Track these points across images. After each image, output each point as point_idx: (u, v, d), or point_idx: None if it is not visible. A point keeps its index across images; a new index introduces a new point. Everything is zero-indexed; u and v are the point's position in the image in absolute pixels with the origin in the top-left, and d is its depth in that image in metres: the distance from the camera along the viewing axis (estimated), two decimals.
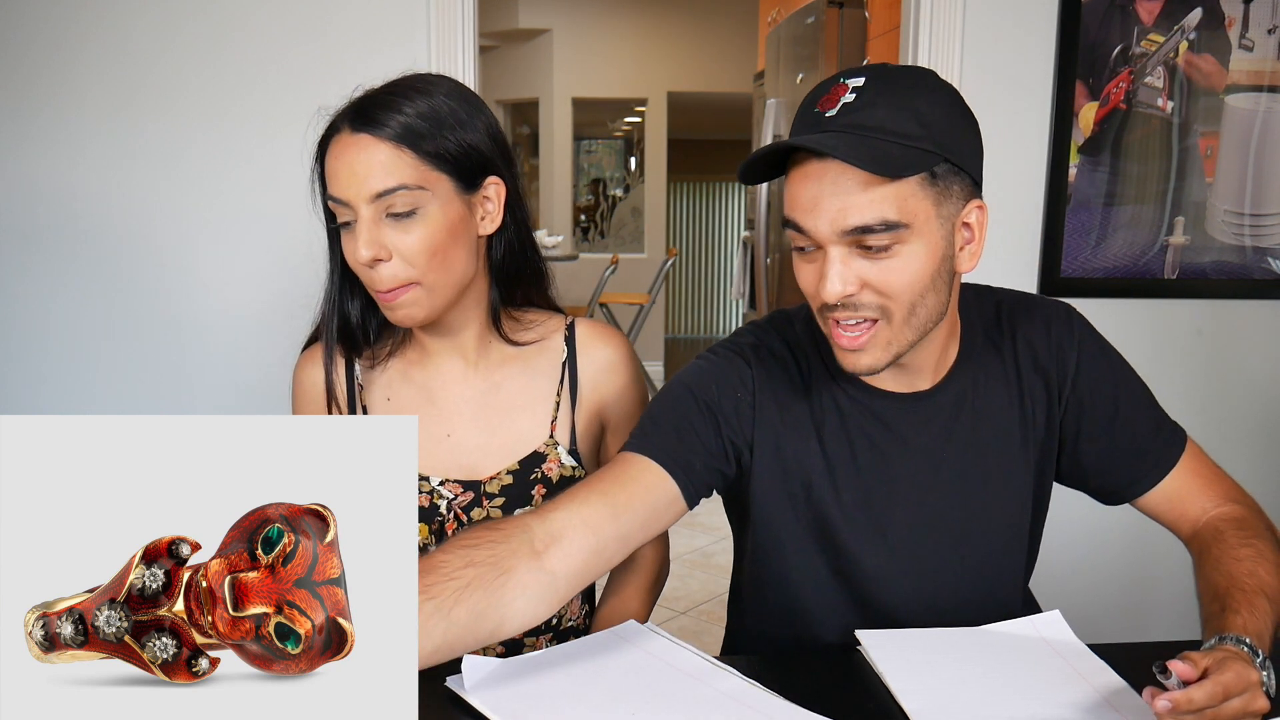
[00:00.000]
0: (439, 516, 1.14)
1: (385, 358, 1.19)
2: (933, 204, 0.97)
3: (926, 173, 0.95)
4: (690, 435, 1.08)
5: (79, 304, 2.16)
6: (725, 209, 9.96)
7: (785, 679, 0.96)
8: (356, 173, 1.05)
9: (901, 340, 1.01)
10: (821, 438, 1.11)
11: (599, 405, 1.22)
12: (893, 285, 0.97)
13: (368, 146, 1.05)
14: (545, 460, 1.18)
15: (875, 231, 0.95)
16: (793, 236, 1.00)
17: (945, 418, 1.12)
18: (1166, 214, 2.27)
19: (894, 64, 0.99)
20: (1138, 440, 1.15)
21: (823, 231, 0.96)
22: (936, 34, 2.17)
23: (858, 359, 1.01)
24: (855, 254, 0.97)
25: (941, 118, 0.97)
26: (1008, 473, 1.14)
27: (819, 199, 0.95)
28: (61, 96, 2.09)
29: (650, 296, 5.84)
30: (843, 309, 0.99)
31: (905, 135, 0.94)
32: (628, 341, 1.27)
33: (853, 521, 1.12)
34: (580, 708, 0.89)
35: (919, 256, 0.97)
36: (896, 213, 0.94)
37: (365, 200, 1.05)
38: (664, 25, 6.90)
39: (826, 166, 0.95)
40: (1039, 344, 1.14)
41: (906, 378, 1.11)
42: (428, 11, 2.10)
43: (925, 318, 1.01)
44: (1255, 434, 2.36)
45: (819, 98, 0.98)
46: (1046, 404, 1.14)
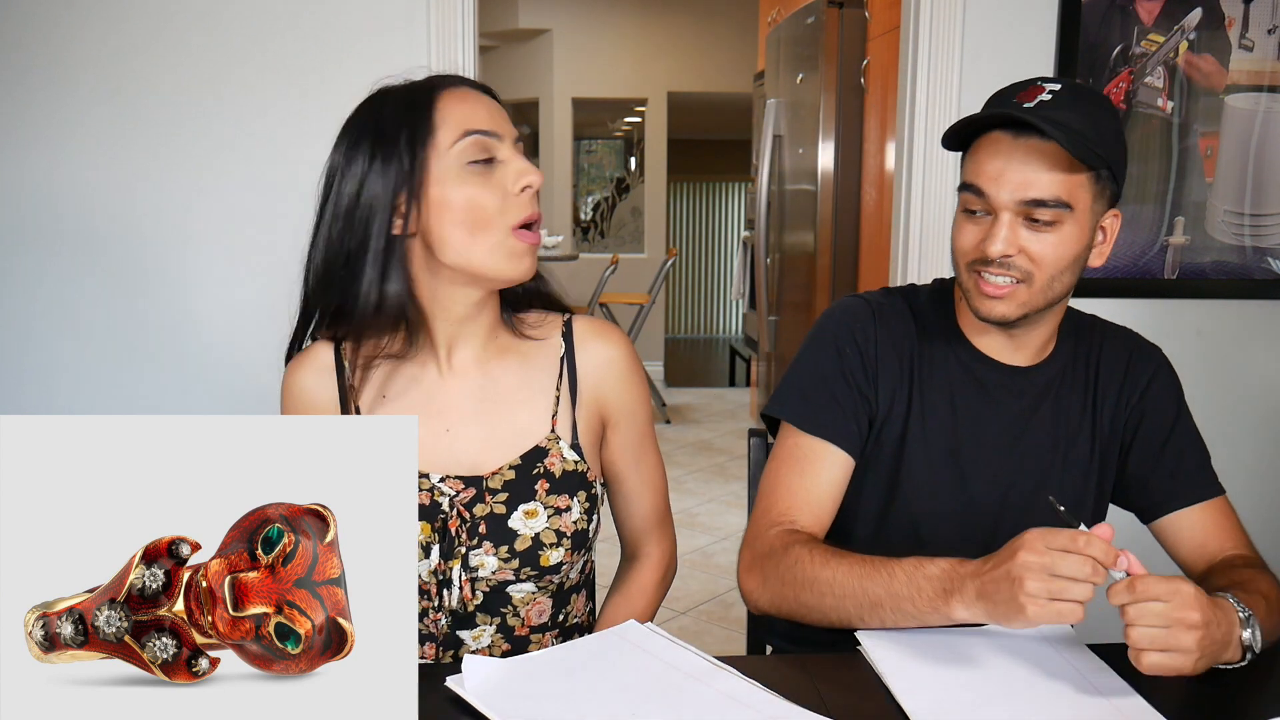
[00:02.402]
0: (441, 513, 1.13)
1: (381, 354, 1.17)
2: (1092, 198, 1.14)
3: (1096, 171, 1.12)
4: (843, 404, 1.22)
5: (78, 302, 2.16)
6: (725, 209, 9.96)
7: (785, 679, 0.96)
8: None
9: (1034, 304, 1.15)
10: (923, 389, 1.23)
11: (599, 400, 1.22)
12: (1045, 256, 1.13)
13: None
14: (547, 455, 1.18)
15: (1048, 206, 1.11)
16: (966, 200, 1.16)
17: (1034, 395, 1.24)
18: (1166, 214, 2.27)
19: (1081, 82, 1.19)
20: (1180, 466, 1.24)
21: (1002, 198, 1.12)
22: (936, 34, 2.17)
23: (994, 305, 1.15)
24: (1022, 224, 1.12)
25: (1113, 135, 1.14)
26: (1076, 465, 1.24)
27: (1006, 170, 1.11)
28: (53, 90, 2.09)
29: (650, 296, 5.84)
30: (997, 265, 1.13)
31: (1087, 138, 1.09)
32: (625, 336, 1.27)
33: (934, 468, 1.22)
34: (580, 708, 0.89)
35: (1072, 237, 1.13)
36: (1068, 195, 1.11)
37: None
38: (664, 25, 6.90)
39: (1018, 145, 1.11)
40: (1120, 360, 1.27)
41: (1011, 350, 1.24)
42: (428, 12, 2.10)
43: (1058, 292, 1.16)
44: (1255, 434, 2.36)
45: (1017, 92, 1.13)
46: (1114, 412, 1.25)
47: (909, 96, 2.22)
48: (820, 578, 1.08)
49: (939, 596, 1.00)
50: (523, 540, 1.14)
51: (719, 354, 8.59)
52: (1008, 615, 0.94)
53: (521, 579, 1.15)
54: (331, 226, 1.11)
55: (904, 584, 1.02)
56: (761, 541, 1.18)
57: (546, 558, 1.15)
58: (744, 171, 6.43)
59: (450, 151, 1.08)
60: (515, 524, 1.14)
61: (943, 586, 1.00)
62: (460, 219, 1.09)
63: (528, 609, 1.17)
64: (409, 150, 1.08)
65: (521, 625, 1.18)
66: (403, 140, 1.08)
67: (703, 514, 4.11)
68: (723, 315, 10.02)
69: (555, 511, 1.15)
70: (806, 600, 1.09)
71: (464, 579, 1.13)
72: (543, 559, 1.14)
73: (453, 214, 1.08)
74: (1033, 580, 0.91)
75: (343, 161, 1.11)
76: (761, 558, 1.16)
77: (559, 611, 1.21)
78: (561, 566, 1.16)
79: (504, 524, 1.14)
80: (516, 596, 1.16)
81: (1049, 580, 0.91)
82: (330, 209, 1.11)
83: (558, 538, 1.15)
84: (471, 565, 1.13)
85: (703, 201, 9.97)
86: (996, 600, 0.94)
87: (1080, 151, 1.08)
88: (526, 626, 1.18)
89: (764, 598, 1.16)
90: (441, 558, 1.12)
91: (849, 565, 1.07)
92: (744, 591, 1.19)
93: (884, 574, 1.04)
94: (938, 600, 1.00)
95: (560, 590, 1.20)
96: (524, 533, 1.14)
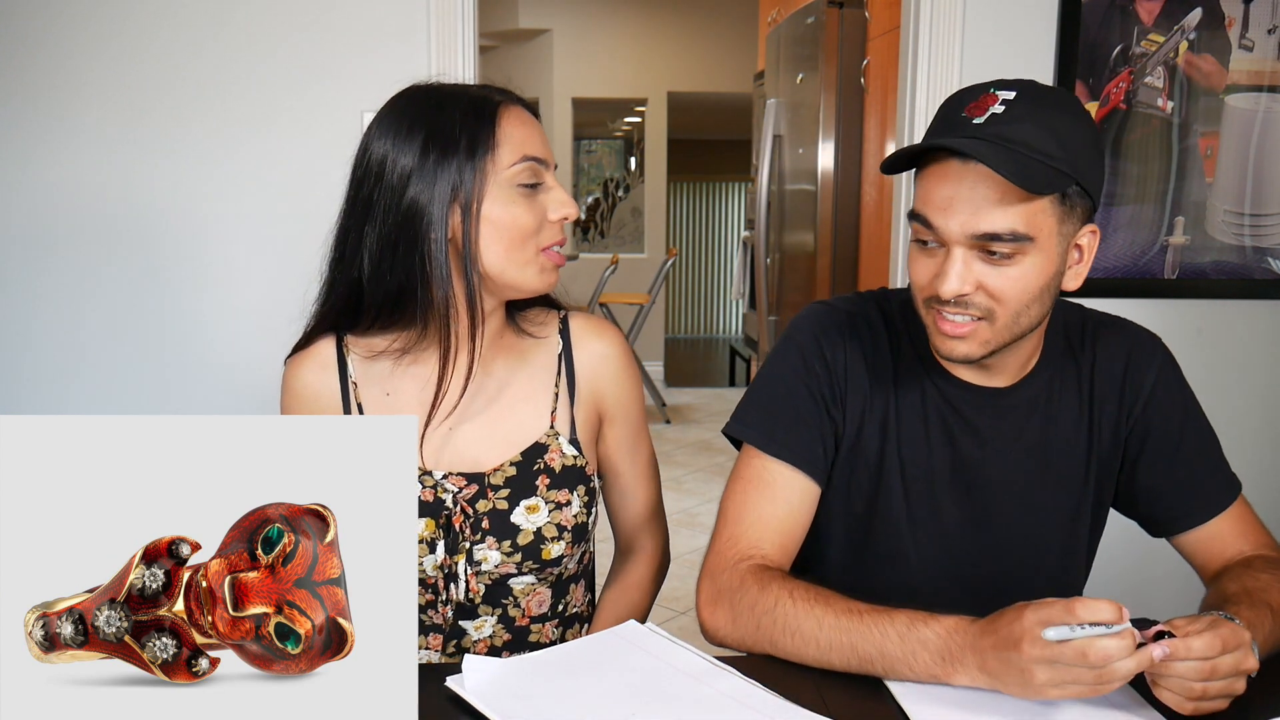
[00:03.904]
0: (445, 510, 1.15)
1: (388, 351, 1.17)
2: (1057, 221, 1.02)
3: (1060, 193, 1.00)
4: (809, 426, 1.14)
5: (89, 303, 2.16)
6: (725, 209, 9.96)
7: (785, 679, 0.96)
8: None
9: (998, 341, 1.06)
10: (898, 411, 1.15)
11: (596, 396, 1.24)
12: (1006, 292, 1.02)
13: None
14: (547, 451, 1.19)
15: (1003, 240, 0.99)
16: (916, 230, 1.06)
17: (1018, 416, 1.15)
18: (1166, 214, 2.27)
19: (1041, 83, 1.05)
20: (1194, 477, 1.16)
21: (952, 232, 1.01)
22: (936, 34, 2.17)
23: (954, 346, 1.06)
24: (977, 257, 1.02)
25: (1079, 143, 1.01)
26: (1069, 480, 1.16)
27: (954, 200, 1.00)
28: (63, 97, 2.09)
29: (650, 296, 5.84)
30: (953, 305, 1.04)
31: (1047, 155, 0.98)
32: (620, 333, 1.29)
33: (911, 498, 1.15)
34: (580, 708, 0.89)
35: (1035, 268, 1.02)
36: (1025, 226, 0.99)
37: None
38: (664, 25, 6.90)
39: (967, 170, 0.99)
40: (1118, 363, 1.17)
41: (987, 375, 1.15)
42: (428, 11, 2.10)
43: (1025, 325, 1.06)
44: (1255, 434, 2.36)
45: (967, 103, 1.02)
46: (1115, 422, 1.17)
47: (909, 96, 2.22)
48: (803, 628, 0.99)
49: (937, 664, 0.93)
50: (525, 535, 1.15)
51: (719, 354, 8.59)
52: (1021, 694, 0.89)
53: (523, 572, 1.17)
54: (384, 219, 1.10)
55: (897, 644, 0.94)
56: (729, 576, 1.08)
57: (548, 551, 1.16)
58: (744, 171, 6.43)
59: (506, 171, 1.10)
60: (518, 519, 1.15)
61: (941, 654, 0.92)
62: (501, 235, 1.11)
63: (528, 600, 1.19)
64: (469, 159, 1.09)
65: (522, 616, 1.19)
66: (463, 147, 1.09)
67: (703, 514, 4.11)
68: (723, 315, 10.02)
69: (556, 506, 1.17)
70: (784, 646, 1.01)
71: (469, 573, 1.15)
72: (544, 552, 1.16)
73: (495, 229, 1.11)
74: (1043, 673, 0.86)
75: (392, 151, 1.10)
76: (729, 593, 1.07)
77: (558, 601, 1.22)
78: (562, 559, 1.18)
79: (506, 519, 1.15)
80: (517, 588, 1.18)
81: (1061, 670, 0.85)
82: (383, 199, 1.10)
83: (559, 531, 1.17)
84: (475, 559, 1.15)
85: (703, 201, 9.97)
86: (1005, 681, 0.89)
87: (1035, 182, 0.96)
88: (527, 617, 1.20)
89: (731, 636, 1.06)
90: (447, 553, 1.14)
91: (835, 616, 0.98)
92: (706, 627, 1.09)
93: (875, 631, 0.95)
94: (936, 667, 0.93)
95: (559, 581, 1.21)
96: (526, 527, 1.15)
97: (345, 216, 1.14)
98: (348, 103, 2.11)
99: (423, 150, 1.09)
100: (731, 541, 1.11)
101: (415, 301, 1.12)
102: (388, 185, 1.10)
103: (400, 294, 1.12)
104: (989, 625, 0.91)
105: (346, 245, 1.13)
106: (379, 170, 1.10)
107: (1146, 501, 1.18)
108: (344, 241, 1.14)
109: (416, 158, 1.09)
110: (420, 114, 1.11)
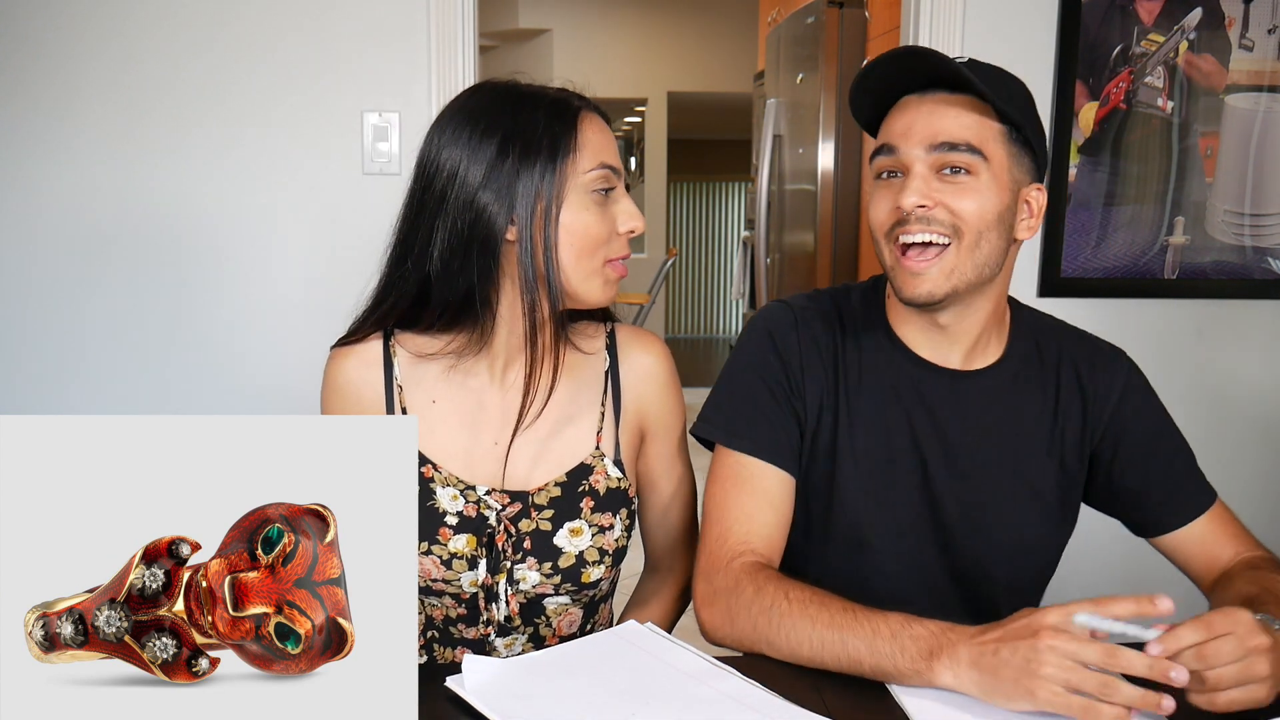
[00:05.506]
0: (489, 528, 1.12)
1: (439, 354, 1.14)
2: (1008, 157, 1.09)
3: (1010, 128, 1.08)
4: (771, 419, 1.16)
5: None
6: (725, 209, 9.96)
7: (785, 679, 0.96)
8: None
9: (962, 271, 1.09)
10: (855, 395, 1.16)
11: (640, 414, 1.21)
12: (964, 208, 1.07)
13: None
14: (592, 472, 1.16)
15: (959, 150, 1.07)
16: (878, 165, 1.12)
17: (979, 404, 1.16)
18: (1166, 214, 2.27)
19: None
20: (1172, 479, 1.18)
21: (912, 148, 1.08)
22: (936, 34, 2.17)
23: (919, 283, 1.09)
24: (935, 177, 1.08)
25: (1023, 100, 1.11)
26: (1029, 475, 1.17)
27: (914, 122, 1.09)
28: (63, 97, 2.09)
29: (650, 296, 5.85)
30: (916, 222, 1.07)
31: (1000, 96, 1.07)
32: (664, 346, 1.25)
33: (863, 480, 1.15)
34: (580, 708, 0.89)
35: (990, 190, 1.08)
36: (979, 141, 1.07)
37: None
38: (664, 25, 6.90)
39: (925, 99, 1.09)
40: (1083, 367, 1.19)
41: (945, 343, 1.16)
42: (428, 11, 2.10)
43: (985, 256, 1.09)
44: (1255, 434, 2.36)
45: (922, 58, 1.09)
46: (1081, 424, 1.18)
47: None
48: (799, 628, 0.99)
49: (922, 657, 0.91)
50: (566, 558, 1.13)
51: (719, 354, 8.59)
52: (1009, 693, 0.86)
53: (560, 593, 1.15)
54: (457, 218, 1.07)
55: (887, 640, 0.94)
56: (724, 575, 1.08)
57: (588, 574, 1.14)
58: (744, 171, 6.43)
59: (584, 176, 1.09)
60: (560, 541, 1.13)
61: (928, 647, 0.91)
62: (572, 241, 1.09)
63: (559, 619, 1.18)
64: (550, 162, 1.07)
65: (553, 635, 1.17)
66: (544, 150, 1.07)
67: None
68: (723, 315, 10.02)
69: (599, 530, 1.15)
70: (780, 645, 1.01)
71: (510, 594, 1.13)
72: (584, 576, 1.14)
73: (568, 235, 1.08)
74: (1052, 666, 0.84)
75: (467, 148, 1.07)
76: (725, 593, 1.07)
77: (588, 620, 1.21)
78: (600, 582, 1.16)
79: (549, 541, 1.13)
80: (550, 607, 1.16)
81: (1072, 670, 0.83)
82: (456, 197, 1.07)
83: (600, 555, 1.15)
84: (514, 579, 1.13)
85: (703, 201, 9.97)
86: (999, 675, 0.86)
87: (994, 93, 1.05)
88: (556, 636, 1.18)
89: (729, 636, 1.06)
90: (489, 571, 1.12)
91: (830, 615, 0.98)
92: (705, 627, 1.09)
93: (867, 629, 0.95)
94: (920, 661, 0.91)
95: (592, 601, 1.20)
96: (568, 550, 1.13)
97: (412, 213, 1.11)
98: (348, 103, 2.11)
99: (500, 149, 1.06)
100: (720, 540, 1.12)
101: (482, 304, 1.09)
102: (461, 183, 1.06)
103: (468, 295, 1.09)
104: (998, 623, 0.91)
105: (414, 242, 1.10)
106: (452, 168, 1.07)
107: (1129, 504, 1.20)
108: (410, 239, 1.10)
109: (494, 157, 1.06)
110: (499, 112, 1.08)
